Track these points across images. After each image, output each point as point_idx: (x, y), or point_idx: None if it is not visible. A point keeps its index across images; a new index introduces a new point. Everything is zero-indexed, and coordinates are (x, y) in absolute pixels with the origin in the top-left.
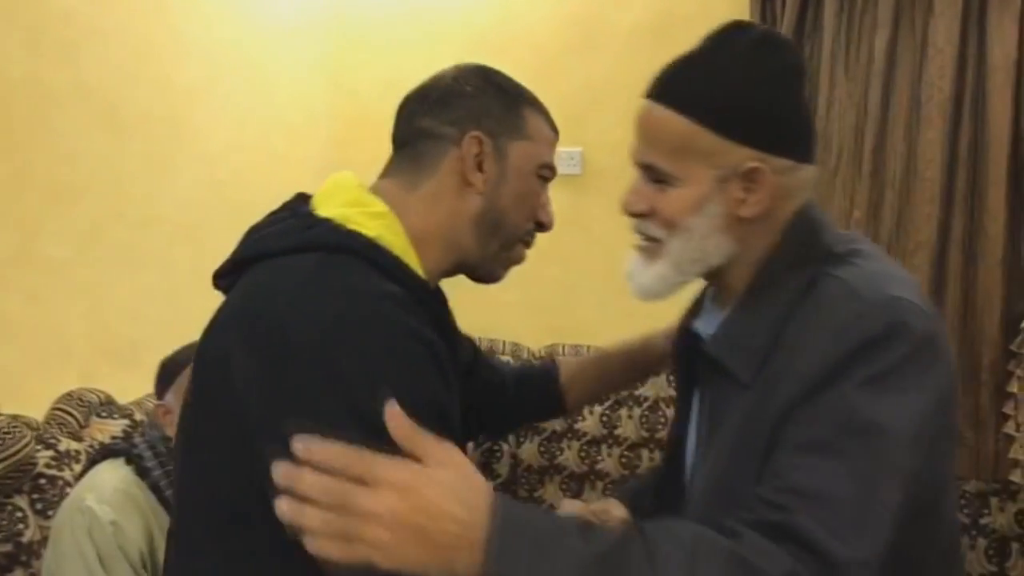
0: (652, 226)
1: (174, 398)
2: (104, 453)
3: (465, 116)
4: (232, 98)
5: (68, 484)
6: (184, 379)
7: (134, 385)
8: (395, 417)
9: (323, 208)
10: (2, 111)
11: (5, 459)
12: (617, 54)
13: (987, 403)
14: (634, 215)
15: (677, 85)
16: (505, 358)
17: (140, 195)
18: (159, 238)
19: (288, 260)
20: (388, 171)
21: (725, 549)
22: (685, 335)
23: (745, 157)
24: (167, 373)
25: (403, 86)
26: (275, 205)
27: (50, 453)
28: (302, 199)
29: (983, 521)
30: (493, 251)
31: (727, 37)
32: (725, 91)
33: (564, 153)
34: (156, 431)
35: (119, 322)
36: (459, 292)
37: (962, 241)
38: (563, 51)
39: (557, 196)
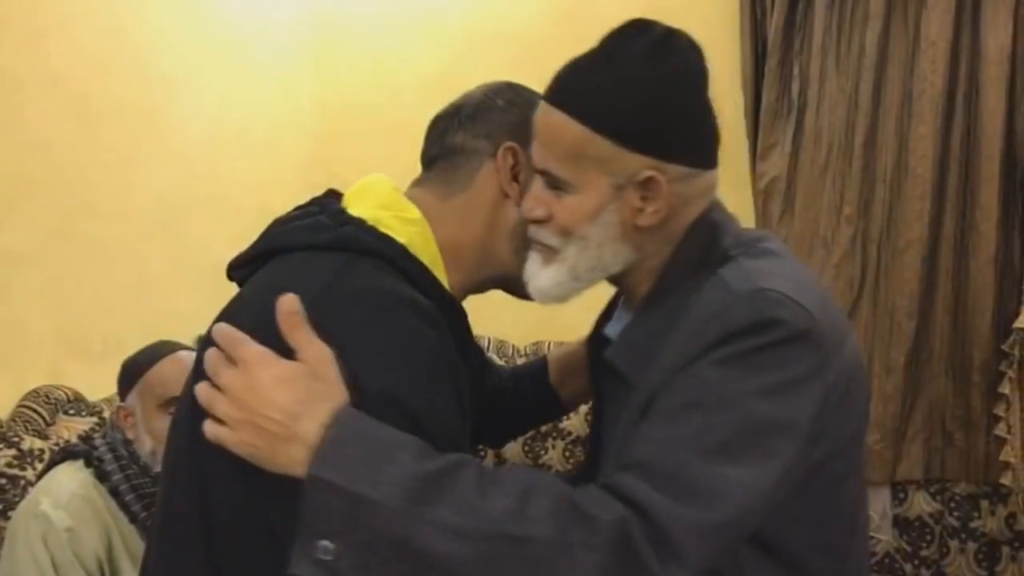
0: (547, 233)
1: (137, 400)
2: (63, 455)
3: (497, 129)
4: (211, 89)
5: (30, 484)
6: (148, 381)
7: (104, 382)
8: (290, 303)
9: (355, 207)
10: None
11: None
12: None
13: (978, 404)
14: (533, 221)
15: (572, 88)
16: (490, 355)
17: (112, 187)
18: (132, 232)
19: (314, 256)
20: (420, 182)
21: (561, 493)
22: (596, 339)
23: (641, 165)
24: (129, 374)
25: (388, 79)
26: (255, 199)
27: (12, 452)
28: (333, 195)
29: (973, 524)
30: (523, 259)
31: (625, 38)
32: (620, 96)
33: None
34: (118, 433)
35: (89, 317)
36: None
37: (954, 239)
38: (549, 44)
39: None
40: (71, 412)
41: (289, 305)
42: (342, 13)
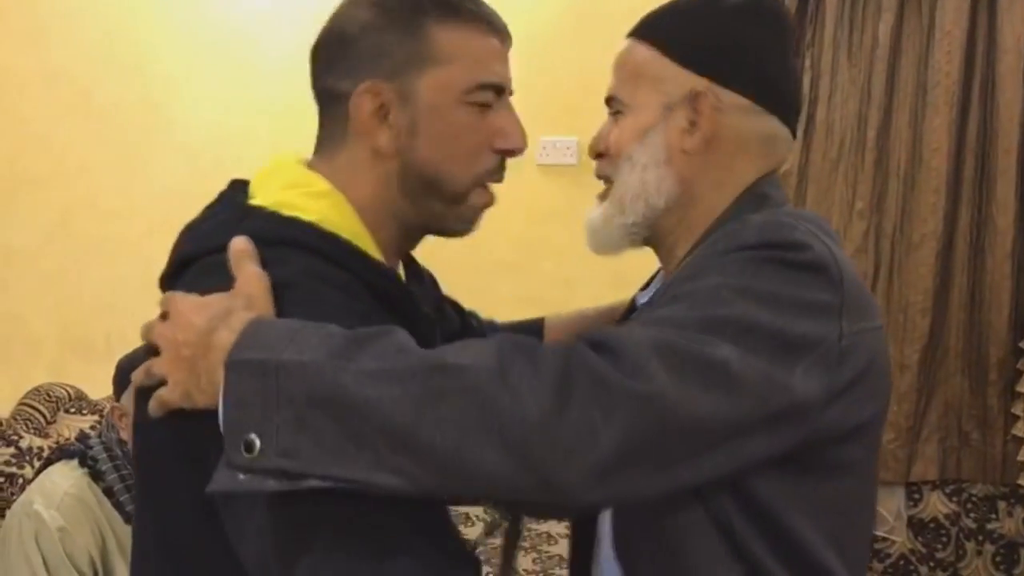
0: (603, 165)
1: (131, 400)
2: (58, 454)
3: (356, 64)
4: (215, 85)
5: (28, 482)
6: None
7: (107, 380)
8: (242, 243)
9: (260, 194)
10: None
11: None
12: (612, 41)
13: (995, 404)
14: (594, 157)
15: (652, 20)
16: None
17: (114, 184)
18: (135, 228)
19: (219, 260)
20: (317, 141)
21: (518, 342)
22: (630, 310)
23: (694, 83)
24: (124, 374)
25: None
26: None
27: (11, 450)
28: (239, 186)
29: (990, 526)
30: (439, 211)
31: None
32: (688, 17)
33: (559, 142)
34: (113, 432)
35: (91, 315)
36: (452, 285)
37: (969, 233)
38: (556, 38)
39: (551, 187)
40: (72, 410)
41: (241, 244)
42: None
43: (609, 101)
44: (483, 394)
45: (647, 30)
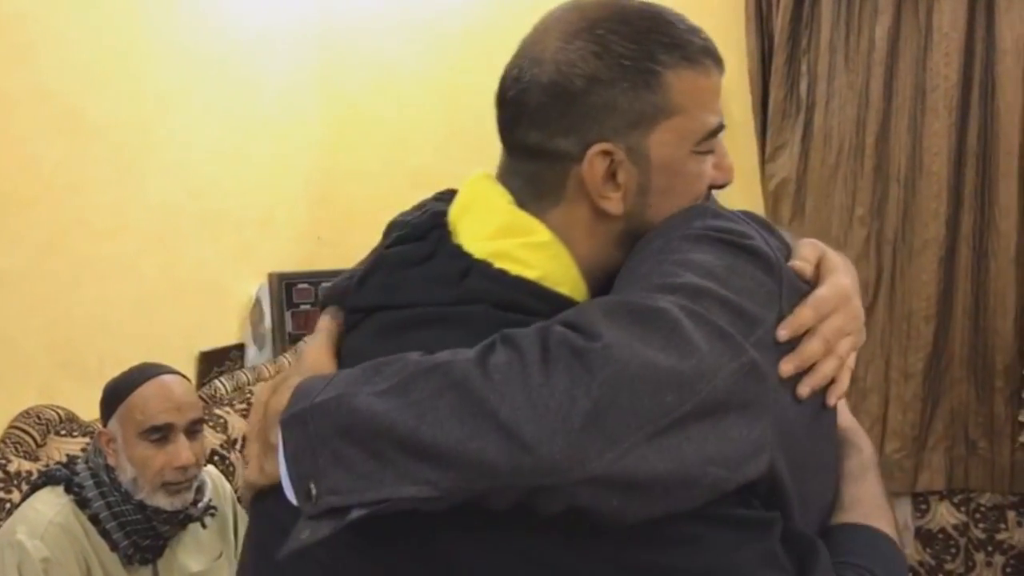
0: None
1: (118, 426)
2: (44, 479)
3: (581, 122)
4: (210, 104)
5: (16, 507)
6: (128, 406)
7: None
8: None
9: (470, 235)
10: None
11: None
12: None
13: (1002, 411)
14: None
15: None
16: None
17: (106, 203)
18: (127, 248)
19: (440, 328)
20: (511, 190)
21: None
22: None
23: None
24: (111, 398)
25: (395, 87)
26: (257, 213)
27: None
28: (438, 218)
29: (1000, 536)
30: None
31: None
32: None
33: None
34: (100, 458)
35: (83, 336)
36: None
37: (972, 238)
38: None
39: None
40: (63, 432)
41: (326, 323)
42: (345, 24)
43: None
44: (468, 384)
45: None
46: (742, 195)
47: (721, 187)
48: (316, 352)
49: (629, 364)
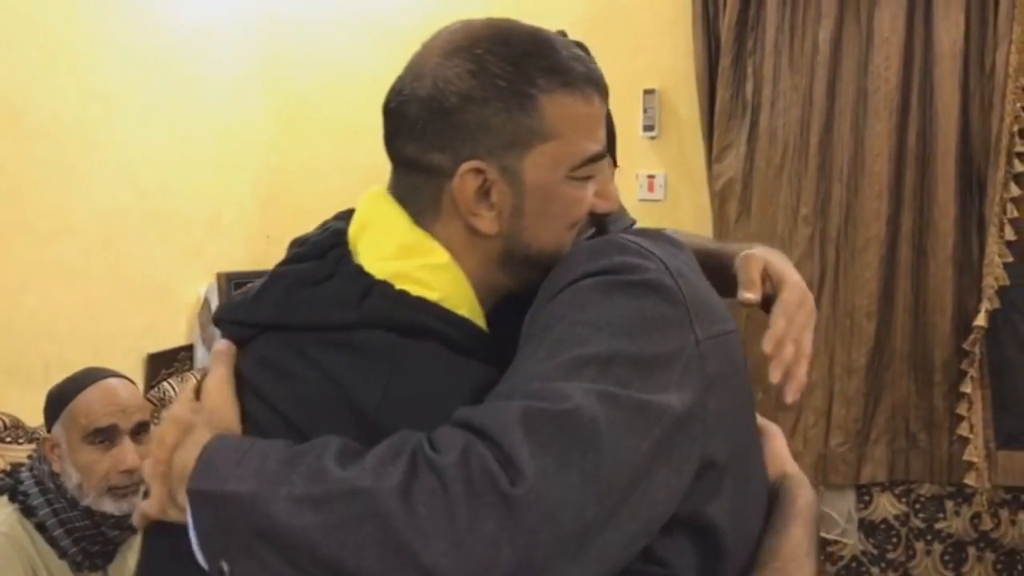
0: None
1: (62, 431)
2: None
3: (454, 139)
4: (154, 103)
5: None
6: (72, 411)
7: None
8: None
9: (370, 255)
10: None
11: None
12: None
13: (941, 404)
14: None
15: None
16: None
17: (49, 204)
18: (72, 250)
19: (351, 337)
20: (400, 201)
21: (415, 441)
22: None
23: None
24: (54, 404)
25: (343, 84)
26: (205, 213)
27: None
28: (338, 237)
29: (938, 526)
30: (536, 277)
31: None
32: None
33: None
34: (45, 465)
35: (28, 340)
36: None
37: (912, 237)
38: None
39: None
40: (7, 439)
41: (223, 347)
42: (290, 19)
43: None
44: (391, 519)
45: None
46: (690, 195)
47: (604, 216)
48: (217, 390)
49: (553, 502)
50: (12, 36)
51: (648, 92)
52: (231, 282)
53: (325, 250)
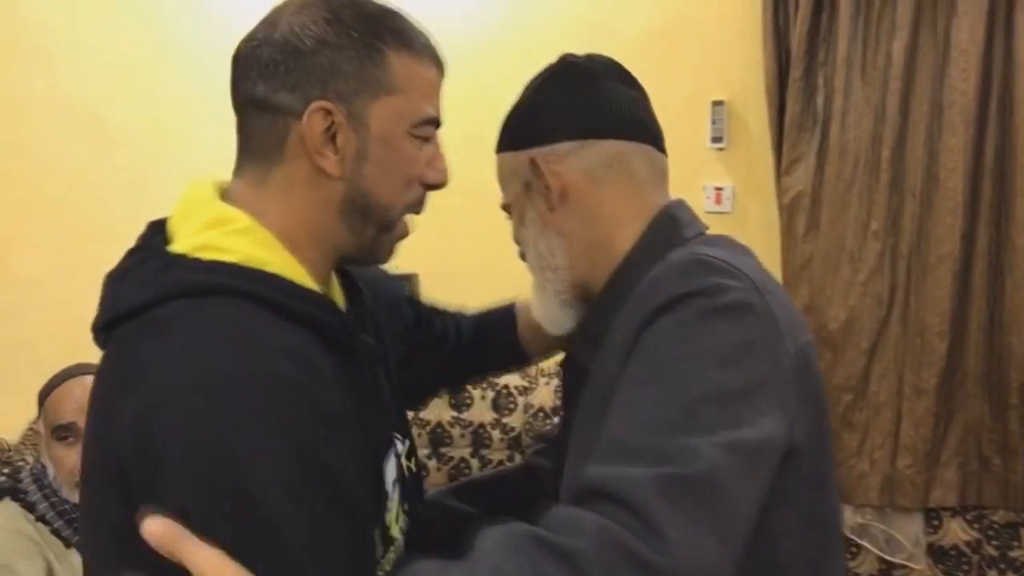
0: (526, 261)
1: (42, 424)
2: None
3: (305, 79)
4: (228, 110)
5: None
6: (48, 405)
7: None
8: (157, 528)
9: (180, 236)
10: None
11: None
12: (623, 60)
13: (1016, 428)
14: (521, 259)
15: (499, 133)
16: (511, 374)
17: (127, 208)
18: None
19: (144, 329)
20: (237, 160)
21: (528, 539)
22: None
23: (526, 157)
24: (40, 396)
25: None
26: None
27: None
28: (158, 227)
29: (1012, 554)
30: (371, 237)
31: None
32: (511, 116)
33: None
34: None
35: None
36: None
37: (988, 254)
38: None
39: None
40: None
41: (157, 530)
42: None
43: (504, 209)
44: None
45: (498, 144)
46: (758, 208)
47: (435, 186)
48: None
49: (696, 566)
50: (92, 47)
51: (716, 104)
52: None
53: (144, 239)
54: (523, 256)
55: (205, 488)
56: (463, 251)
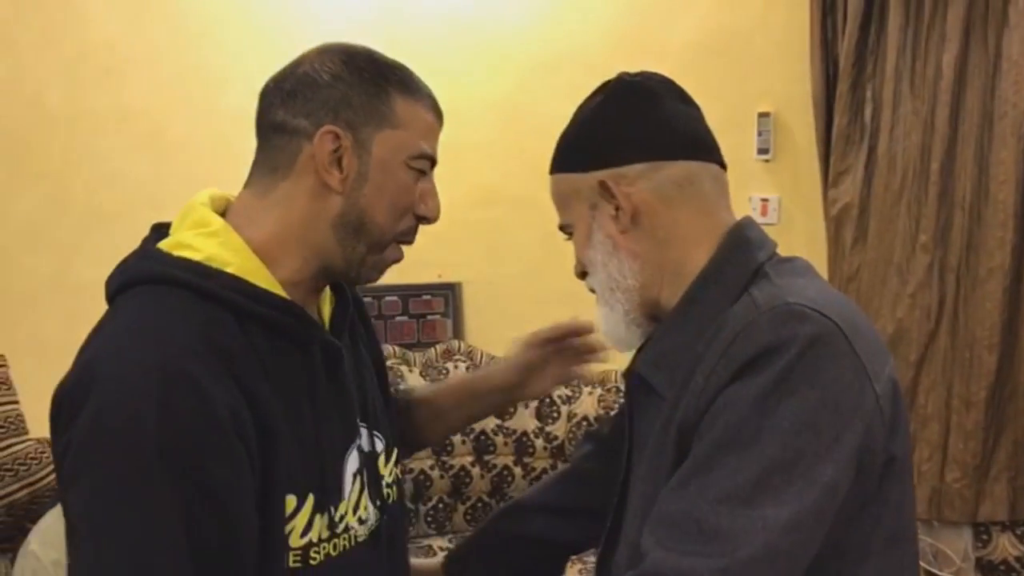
0: (588, 280)
1: None
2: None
3: (320, 107)
4: None
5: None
6: None
7: None
8: None
9: (174, 235)
10: (41, 136)
11: (28, 485)
12: (669, 72)
13: None
14: (581, 278)
15: (555, 155)
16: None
17: None
18: None
19: (119, 299)
20: (250, 176)
21: None
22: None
23: (594, 178)
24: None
25: (459, 104)
26: None
27: None
28: (162, 228)
29: None
30: (360, 254)
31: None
32: (569, 136)
33: None
34: None
35: None
36: (513, 316)
37: None
38: (615, 70)
39: None
40: None
41: None
42: (411, 43)
43: (562, 230)
44: None
45: (555, 165)
46: (804, 219)
47: (426, 219)
48: None
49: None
50: (155, 63)
51: (763, 115)
52: None
53: (145, 239)
54: (581, 275)
55: (62, 461)
56: (504, 260)
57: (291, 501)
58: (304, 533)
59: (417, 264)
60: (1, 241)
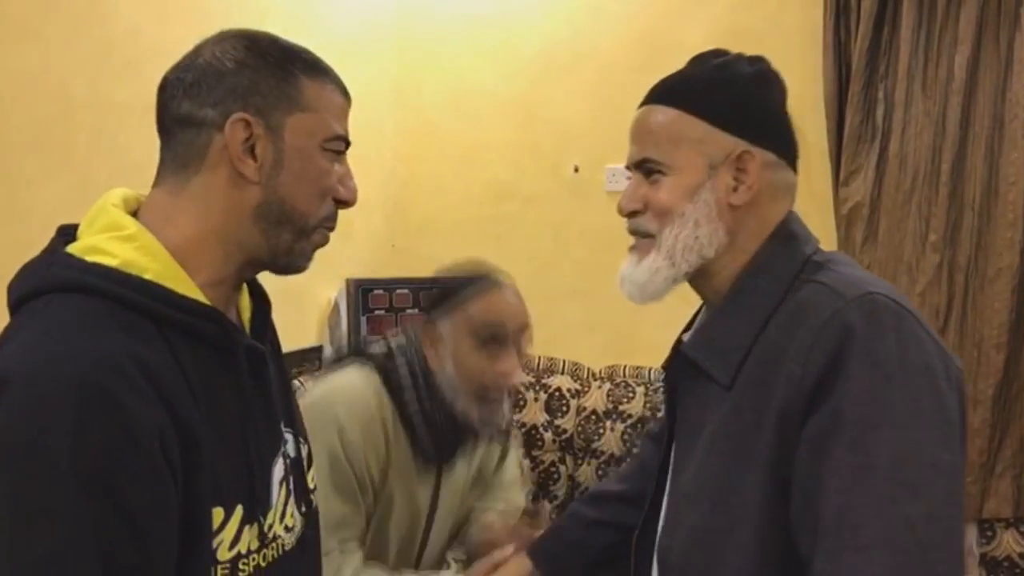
0: (645, 221)
1: (450, 329)
2: (357, 359)
3: (227, 95)
4: None
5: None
6: (470, 313)
7: None
8: None
9: (83, 238)
10: (65, 126)
11: None
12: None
13: None
14: (629, 215)
15: (668, 86)
16: (564, 377)
17: None
18: None
19: (30, 307)
20: (158, 175)
21: None
22: (673, 352)
23: (735, 144)
24: (448, 298)
25: (469, 101)
26: (338, 221)
27: None
28: (68, 231)
29: None
30: (287, 243)
31: (712, 55)
32: (714, 84)
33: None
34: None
35: None
36: None
37: None
38: (629, 69)
39: (613, 212)
40: None
41: None
42: (424, 40)
43: (640, 164)
44: None
45: (675, 97)
46: (816, 218)
47: (345, 203)
48: None
49: None
50: (176, 50)
51: None
52: (359, 288)
53: (51, 241)
54: (631, 213)
55: None
56: (516, 256)
57: (218, 514)
58: (232, 546)
59: (429, 258)
60: (26, 231)
